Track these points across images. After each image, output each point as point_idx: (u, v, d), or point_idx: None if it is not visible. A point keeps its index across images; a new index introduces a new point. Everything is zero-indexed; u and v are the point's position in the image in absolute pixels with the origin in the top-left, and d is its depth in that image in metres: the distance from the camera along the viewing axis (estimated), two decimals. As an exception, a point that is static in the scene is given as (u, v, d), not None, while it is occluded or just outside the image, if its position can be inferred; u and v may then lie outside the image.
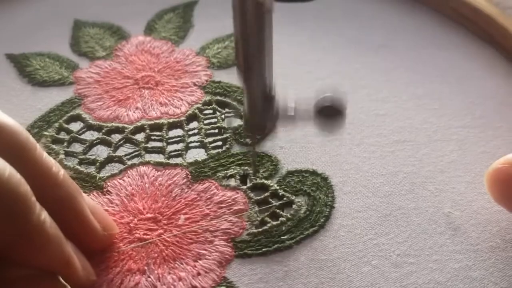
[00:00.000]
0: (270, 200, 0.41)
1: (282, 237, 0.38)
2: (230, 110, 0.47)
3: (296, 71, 0.52)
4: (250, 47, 0.34)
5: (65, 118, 0.47)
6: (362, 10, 0.60)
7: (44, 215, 0.30)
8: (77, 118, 0.47)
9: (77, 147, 0.45)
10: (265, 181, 0.42)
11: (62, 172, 0.34)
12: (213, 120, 0.47)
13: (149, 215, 0.39)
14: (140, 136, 0.46)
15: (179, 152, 0.44)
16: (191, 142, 0.45)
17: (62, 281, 0.33)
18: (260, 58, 0.34)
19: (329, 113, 0.36)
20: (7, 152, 0.30)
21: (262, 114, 0.37)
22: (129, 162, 0.43)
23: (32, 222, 0.30)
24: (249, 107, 0.37)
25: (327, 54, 0.54)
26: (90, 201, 0.37)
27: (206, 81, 0.50)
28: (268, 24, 0.33)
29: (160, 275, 0.36)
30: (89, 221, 0.35)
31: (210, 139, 0.45)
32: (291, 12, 0.59)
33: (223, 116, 0.47)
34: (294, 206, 0.40)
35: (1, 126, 0.31)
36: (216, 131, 0.46)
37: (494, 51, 0.55)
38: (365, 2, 0.61)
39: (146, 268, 0.36)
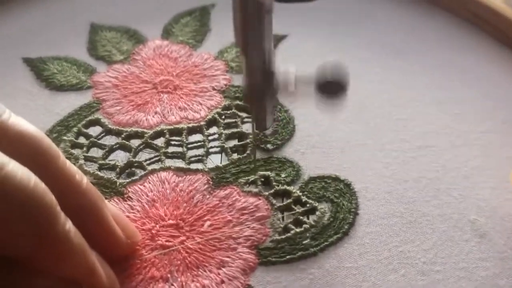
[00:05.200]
0: (293, 206, 0.40)
1: (304, 242, 0.38)
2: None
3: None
4: (249, 17, 0.33)
5: (83, 122, 0.47)
6: (379, 13, 0.60)
7: (69, 225, 0.30)
8: (96, 122, 0.47)
9: (96, 152, 0.45)
10: (288, 187, 0.41)
11: (85, 180, 0.34)
12: (233, 125, 0.47)
13: (171, 222, 0.39)
14: (159, 141, 0.45)
15: (200, 157, 0.44)
16: (211, 147, 0.45)
17: (87, 290, 0.32)
18: (259, 30, 0.33)
19: (331, 88, 0.35)
20: (31, 161, 0.30)
21: (262, 89, 0.36)
22: (149, 168, 0.43)
23: (57, 232, 0.29)
24: (248, 82, 0.36)
25: (345, 58, 0.53)
26: (112, 208, 0.36)
27: (225, 85, 0.50)
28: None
29: (184, 283, 0.36)
30: (113, 229, 0.35)
31: (231, 144, 0.45)
32: (307, 15, 0.58)
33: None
34: (317, 212, 0.40)
35: (24, 134, 0.31)
36: (237, 136, 0.46)
37: (514, 54, 0.54)
38: (382, 6, 0.61)
39: (169, 275, 0.36)
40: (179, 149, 0.45)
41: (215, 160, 0.44)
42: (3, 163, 0.28)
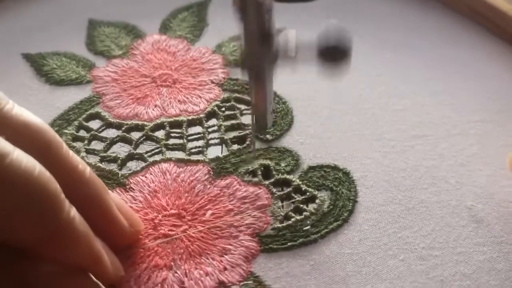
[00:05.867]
0: (293, 195, 0.41)
1: (305, 229, 0.39)
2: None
3: (312, 67, 0.52)
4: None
5: (84, 116, 0.47)
6: (378, 9, 0.60)
7: (74, 213, 0.30)
8: (96, 116, 0.47)
9: (97, 145, 0.45)
10: (287, 176, 0.42)
11: (88, 169, 0.34)
12: (232, 117, 0.47)
13: (173, 211, 0.39)
14: (160, 134, 0.46)
15: (200, 148, 0.44)
16: (211, 138, 0.45)
17: (93, 277, 0.33)
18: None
19: (334, 54, 0.34)
20: (34, 150, 0.30)
21: (260, 54, 0.35)
22: (151, 159, 0.43)
23: (62, 220, 0.30)
24: (247, 46, 0.35)
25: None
26: (116, 198, 0.37)
27: (224, 78, 0.50)
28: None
29: (187, 271, 0.36)
30: (116, 218, 0.35)
31: (230, 135, 0.45)
32: (307, 10, 0.59)
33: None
34: (317, 200, 0.40)
35: (28, 124, 0.31)
36: (236, 127, 0.47)
37: (511, 49, 0.55)
38: (381, 1, 0.61)
39: (172, 263, 0.36)
40: (180, 141, 0.45)
41: (216, 152, 0.44)
42: (8, 152, 0.28)
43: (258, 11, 0.33)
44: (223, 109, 0.48)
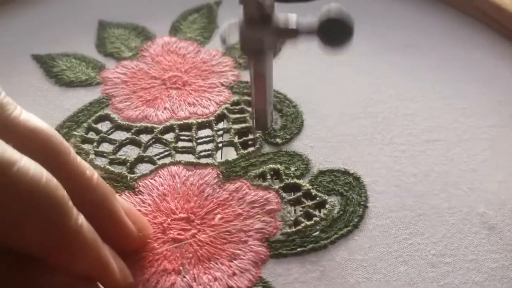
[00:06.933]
0: (303, 200, 0.41)
1: (314, 234, 0.38)
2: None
3: (322, 71, 0.52)
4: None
5: (93, 118, 0.47)
6: (385, 10, 0.60)
7: (81, 220, 0.30)
8: (105, 118, 0.47)
9: (106, 147, 0.45)
10: (297, 181, 0.42)
11: (96, 175, 0.34)
12: (242, 120, 0.47)
13: (182, 215, 0.39)
14: (169, 136, 0.45)
15: (209, 152, 0.44)
16: (220, 142, 0.45)
17: (100, 286, 0.32)
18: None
19: (335, 27, 0.33)
20: (42, 157, 0.29)
21: (259, 29, 0.34)
22: (160, 162, 0.43)
23: (70, 227, 0.29)
24: (247, 29, 0.34)
25: (352, 54, 0.54)
26: (124, 203, 0.36)
27: (234, 81, 0.50)
28: None
29: (196, 275, 0.36)
30: (124, 224, 0.35)
31: (240, 139, 0.45)
32: (311, 12, 0.58)
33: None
34: (327, 206, 0.40)
35: (36, 130, 0.31)
36: (246, 130, 0.46)
37: (520, 50, 0.55)
38: (388, 2, 0.61)
39: (181, 268, 0.36)
40: (189, 144, 0.45)
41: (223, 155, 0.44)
42: (15, 159, 0.28)
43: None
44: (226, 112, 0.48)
